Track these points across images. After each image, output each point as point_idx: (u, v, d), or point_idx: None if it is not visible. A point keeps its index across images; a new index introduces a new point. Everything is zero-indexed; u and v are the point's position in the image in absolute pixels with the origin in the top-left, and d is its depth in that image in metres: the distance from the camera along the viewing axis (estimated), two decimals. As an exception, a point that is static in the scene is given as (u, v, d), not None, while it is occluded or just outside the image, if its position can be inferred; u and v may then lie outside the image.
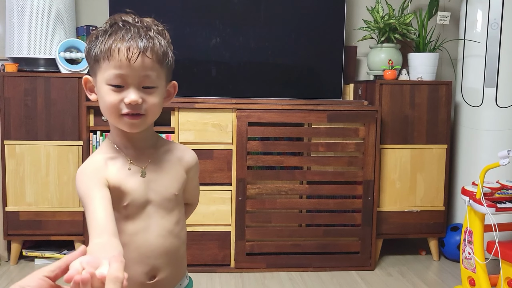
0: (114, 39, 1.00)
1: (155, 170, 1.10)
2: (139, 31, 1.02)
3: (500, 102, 2.78)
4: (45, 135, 2.62)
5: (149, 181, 1.09)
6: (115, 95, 1.01)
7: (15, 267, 2.68)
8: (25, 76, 2.60)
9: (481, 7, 2.81)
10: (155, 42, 1.03)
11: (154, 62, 1.02)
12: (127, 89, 1.01)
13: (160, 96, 1.06)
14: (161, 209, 1.10)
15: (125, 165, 1.07)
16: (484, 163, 2.53)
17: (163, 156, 1.13)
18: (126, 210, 1.06)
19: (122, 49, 0.99)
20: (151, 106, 1.04)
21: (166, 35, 1.08)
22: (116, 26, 1.03)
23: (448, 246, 2.86)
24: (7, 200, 2.63)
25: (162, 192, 1.10)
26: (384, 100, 2.76)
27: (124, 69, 1.00)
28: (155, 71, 1.03)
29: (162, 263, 1.10)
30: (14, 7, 2.63)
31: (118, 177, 1.05)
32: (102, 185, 1.00)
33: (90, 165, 1.05)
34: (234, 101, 2.64)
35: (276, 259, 2.69)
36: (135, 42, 1.00)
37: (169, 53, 1.07)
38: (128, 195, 1.06)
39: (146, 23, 1.05)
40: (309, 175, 2.69)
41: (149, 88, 1.03)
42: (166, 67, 1.06)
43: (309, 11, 2.94)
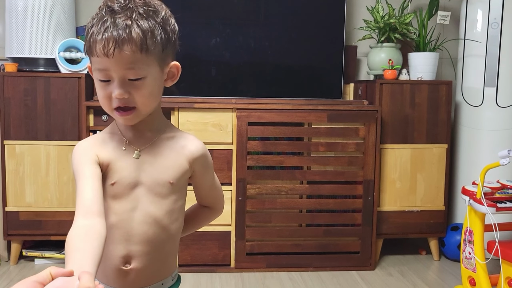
0: (93, 32, 0.98)
1: (151, 153, 1.08)
2: (116, 20, 0.97)
3: (500, 102, 2.78)
4: (45, 135, 2.62)
5: (143, 163, 1.07)
6: (104, 89, 1.01)
7: (15, 267, 2.68)
8: (25, 76, 2.60)
9: (481, 7, 2.81)
10: (133, 30, 0.96)
11: (135, 52, 0.97)
12: (113, 82, 0.99)
13: (151, 85, 1.02)
14: (151, 194, 1.07)
15: (120, 145, 1.08)
16: (485, 162, 2.53)
17: (164, 142, 1.10)
18: (114, 189, 1.06)
19: (98, 43, 0.97)
20: (141, 98, 1.01)
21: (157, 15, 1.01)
22: (99, 15, 0.99)
23: (448, 246, 2.86)
24: (7, 200, 2.63)
25: (155, 176, 1.07)
26: (384, 99, 2.75)
27: (105, 64, 0.98)
28: (138, 61, 0.98)
29: (139, 251, 1.07)
30: (14, 7, 2.63)
31: (111, 154, 1.06)
32: (92, 162, 1.03)
33: (85, 142, 1.08)
34: (234, 101, 2.64)
35: (276, 259, 2.69)
36: (110, 34, 0.96)
37: (158, 35, 1.00)
38: (117, 174, 1.06)
39: (133, 4, 0.99)
40: (309, 175, 2.69)
41: (136, 80, 0.99)
42: (155, 51, 1.00)
43: (309, 11, 2.94)
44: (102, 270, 1.08)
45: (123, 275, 1.08)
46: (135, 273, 1.08)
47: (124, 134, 1.09)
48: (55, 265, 2.85)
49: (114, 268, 1.07)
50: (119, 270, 1.07)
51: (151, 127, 1.09)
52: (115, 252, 1.07)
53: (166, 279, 1.14)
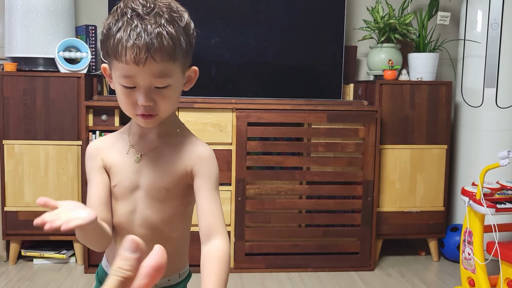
0: (121, 37, 0.95)
1: (153, 158, 1.09)
2: (146, 26, 0.94)
3: (500, 103, 2.78)
4: (44, 135, 2.62)
5: (143, 168, 1.08)
6: (127, 96, 1.00)
7: (14, 267, 2.67)
8: (24, 76, 2.59)
9: (481, 7, 2.81)
10: (164, 38, 0.94)
11: (164, 61, 0.96)
12: (138, 89, 0.98)
13: (175, 91, 1.02)
14: (149, 198, 1.08)
15: (126, 147, 1.11)
16: (484, 163, 2.52)
17: (168, 147, 1.09)
18: (115, 191, 1.10)
19: (128, 50, 0.94)
20: (164, 106, 1.01)
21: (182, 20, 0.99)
22: (125, 18, 0.96)
23: (447, 247, 2.86)
24: (6, 200, 2.62)
25: (151, 181, 1.08)
26: (384, 100, 2.75)
27: (133, 71, 0.96)
28: (167, 69, 0.98)
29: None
30: (13, 6, 2.63)
31: (115, 157, 1.10)
32: (98, 169, 1.10)
33: (95, 143, 1.13)
34: (233, 101, 2.63)
35: (275, 259, 2.69)
36: (142, 42, 0.93)
37: (182, 41, 0.98)
38: (117, 176, 1.09)
39: (158, 8, 0.97)
40: (308, 175, 2.68)
41: (162, 88, 0.99)
42: (180, 58, 0.99)
43: (309, 11, 2.94)
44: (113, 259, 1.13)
45: None
46: None
47: (131, 137, 1.11)
48: (54, 265, 2.85)
49: None
50: None
51: (159, 131, 1.10)
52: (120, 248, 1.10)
53: (172, 276, 1.16)
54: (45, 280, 2.51)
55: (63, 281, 2.51)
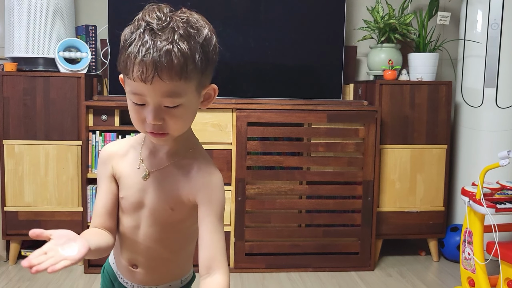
0: (131, 52, 0.91)
1: (160, 178, 1.06)
2: (156, 42, 0.89)
3: (500, 103, 2.78)
4: (44, 135, 2.62)
5: (149, 186, 1.06)
6: (137, 112, 0.96)
7: (13, 267, 2.67)
8: (24, 76, 2.59)
9: (481, 7, 2.81)
10: (174, 55, 0.89)
11: (174, 81, 0.90)
12: (147, 107, 0.94)
13: (187, 110, 0.96)
14: (152, 218, 1.07)
15: (137, 161, 1.09)
16: (484, 163, 2.52)
17: (177, 168, 1.05)
18: (122, 203, 1.11)
19: (135, 67, 0.90)
20: (174, 125, 0.96)
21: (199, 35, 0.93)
22: (137, 32, 0.91)
23: (447, 247, 2.86)
24: (6, 200, 2.62)
25: (157, 201, 1.06)
26: (384, 100, 2.75)
27: (141, 89, 0.92)
28: (177, 89, 0.92)
29: (144, 261, 1.13)
30: (13, 6, 2.63)
31: (125, 168, 1.09)
32: (108, 177, 1.10)
33: (110, 148, 1.12)
34: (233, 101, 2.63)
35: (275, 259, 2.69)
36: (149, 59, 0.88)
37: (199, 59, 0.92)
38: (124, 189, 1.10)
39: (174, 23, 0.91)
40: (308, 175, 2.68)
41: (172, 108, 0.94)
42: (193, 76, 0.93)
43: (309, 11, 2.94)
44: (119, 263, 1.18)
45: (132, 273, 1.15)
46: (142, 275, 1.15)
47: (143, 151, 1.09)
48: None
49: (125, 266, 1.15)
50: (129, 269, 1.15)
51: (170, 150, 1.06)
52: (124, 255, 1.15)
53: (174, 282, 1.17)
54: (45, 280, 2.51)
55: (63, 281, 2.51)
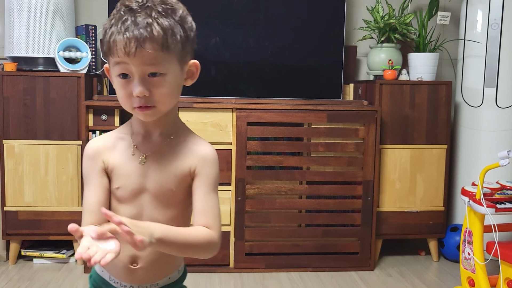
0: (113, 32, 0.98)
1: (157, 160, 1.08)
2: (136, 18, 0.97)
3: (500, 103, 2.78)
4: (44, 135, 2.62)
5: (148, 170, 1.07)
6: (124, 88, 1.01)
7: (13, 266, 2.67)
8: (24, 76, 2.59)
9: (481, 7, 2.81)
10: (154, 28, 0.96)
11: (157, 50, 0.97)
12: (133, 80, 1.00)
13: (171, 83, 1.02)
14: (156, 201, 1.08)
15: (129, 149, 1.09)
16: (484, 163, 2.52)
17: (172, 147, 1.09)
18: (118, 193, 1.08)
19: (119, 43, 0.97)
20: (161, 97, 1.01)
21: (176, 13, 1.01)
22: (118, 14, 1.00)
23: (447, 247, 2.86)
24: (6, 200, 2.62)
25: (159, 183, 1.07)
26: (384, 100, 2.75)
27: (126, 61, 0.98)
28: (159, 58, 0.99)
29: (146, 254, 1.09)
30: (13, 6, 2.63)
31: (118, 159, 1.09)
32: (99, 171, 1.08)
33: (95, 143, 1.11)
34: (233, 100, 2.63)
35: (275, 259, 2.69)
36: (131, 33, 0.96)
37: (178, 33, 1.00)
38: (121, 179, 1.08)
39: (151, 3, 1.00)
40: (308, 175, 2.68)
41: (156, 76, 1.00)
42: (174, 48, 1.00)
43: (309, 11, 2.94)
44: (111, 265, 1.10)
45: (132, 272, 1.12)
46: (142, 271, 1.12)
47: (134, 138, 1.10)
48: (54, 265, 2.85)
49: (123, 266, 1.11)
50: (127, 268, 1.11)
51: (162, 131, 1.10)
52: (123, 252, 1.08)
53: (172, 273, 1.17)
54: (45, 280, 2.51)
55: (63, 281, 2.51)
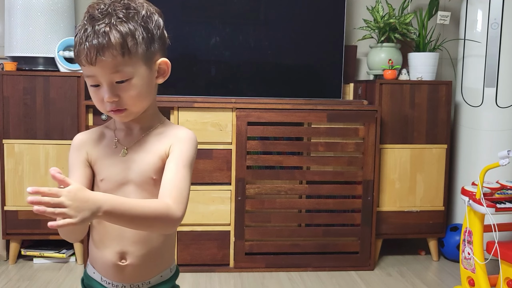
0: (76, 42, 1.02)
1: (138, 151, 1.10)
2: (95, 27, 1.00)
3: (500, 102, 2.78)
4: (44, 134, 2.62)
5: (130, 161, 1.10)
6: (96, 94, 1.05)
7: (13, 266, 2.67)
8: (24, 75, 2.59)
9: (481, 7, 2.81)
10: (111, 36, 0.99)
11: (117, 56, 1.00)
12: (102, 87, 1.03)
13: (139, 85, 1.04)
14: (139, 191, 1.09)
15: (112, 142, 1.12)
16: (484, 163, 2.52)
17: (152, 138, 1.12)
18: (103, 185, 1.10)
19: (81, 52, 1.00)
20: (130, 100, 1.04)
21: (138, 15, 1.03)
22: (81, 23, 1.03)
23: (447, 246, 2.86)
24: (5, 199, 2.63)
25: (141, 173, 1.09)
26: (384, 100, 2.75)
27: (91, 71, 1.02)
28: (122, 64, 1.01)
29: (133, 249, 1.10)
30: (13, 6, 2.63)
31: (100, 152, 1.12)
32: (82, 162, 1.11)
33: (82, 136, 1.15)
34: (233, 100, 2.63)
35: (275, 259, 2.69)
36: (91, 43, 0.99)
37: (140, 35, 1.02)
38: (104, 171, 1.10)
39: (112, 9, 1.02)
40: (308, 175, 2.68)
41: (123, 82, 1.03)
42: (137, 50, 1.02)
43: (309, 11, 2.94)
44: (101, 264, 1.13)
45: (121, 270, 1.11)
46: (132, 268, 1.11)
47: (116, 132, 1.14)
48: (54, 264, 2.85)
49: (112, 264, 1.11)
50: (116, 266, 1.11)
51: (142, 125, 1.13)
52: (111, 248, 1.10)
53: (164, 271, 1.17)
54: (45, 280, 2.51)
55: (63, 280, 2.51)
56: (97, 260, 1.14)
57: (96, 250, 1.14)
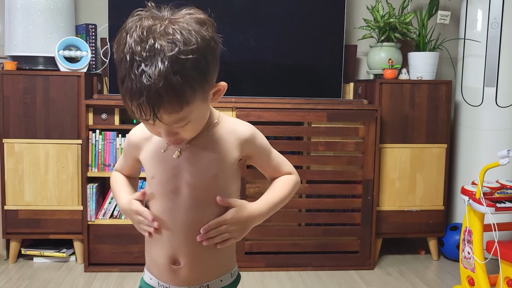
0: (125, 92, 0.89)
1: (194, 152, 1.04)
2: (145, 81, 0.85)
3: (500, 102, 2.78)
4: (44, 134, 2.62)
5: (184, 164, 1.03)
6: (151, 128, 0.98)
7: (13, 265, 2.68)
8: (24, 74, 2.59)
9: (481, 7, 2.81)
10: (166, 93, 0.85)
11: (175, 113, 0.89)
12: (159, 127, 0.95)
13: (198, 120, 0.97)
14: (195, 195, 1.03)
15: (163, 144, 1.06)
16: (484, 162, 2.53)
17: (209, 137, 1.04)
18: (153, 183, 1.07)
19: (134, 109, 0.89)
20: (190, 134, 0.99)
21: (190, 51, 0.87)
22: (124, 64, 0.88)
23: (447, 246, 2.86)
24: (6, 199, 2.63)
25: (198, 176, 1.03)
26: (384, 99, 2.75)
27: (146, 123, 0.95)
28: (180, 116, 0.91)
29: (186, 251, 1.05)
30: (13, 5, 2.63)
31: (153, 151, 1.08)
32: (132, 157, 1.15)
33: (135, 134, 1.12)
34: (233, 100, 2.63)
35: (275, 258, 2.69)
36: (145, 104, 0.86)
37: (197, 76, 0.89)
38: (154, 169, 1.07)
39: (158, 44, 0.86)
40: (308, 174, 2.68)
41: (182, 126, 0.94)
42: (195, 96, 0.90)
43: (309, 10, 2.94)
44: (156, 268, 1.11)
45: (176, 273, 1.07)
46: (187, 271, 1.07)
47: None
48: (54, 264, 2.85)
49: (166, 267, 1.08)
50: (170, 269, 1.07)
51: None
52: (163, 252, 1.07)
53: (224, 276, 1.12)
54: (45, 279, 2.51)
55: (63, 279, 2.51)
56: (153, 264, 1.11)
57: (151, 254, 1.11)
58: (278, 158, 1.17)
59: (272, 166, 1.16)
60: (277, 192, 1.14)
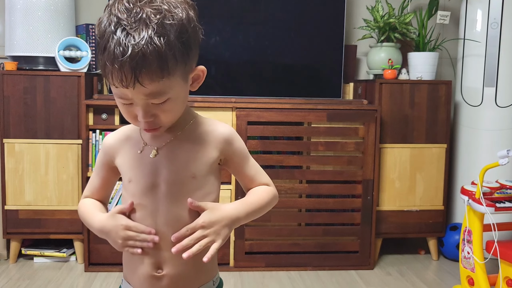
0: (107, 57, 0.88)
1: (172, 150, 1.02)
2: (129, 45, 0.85)
3: (499, 102, 2.78)
4: (44, 134, 2.62)
5: (162, 161, 1.01)
6: (127, 111, 0.96)
7: (14, 265, 2.68)
8: (24, 75, 2.60)
9: (481, 7, 2.81)
10: (151, 57, 0.86)
11: (156, 81, 0.89)
12: (136, 106, 0.94)
13: (176, 102, 0.96)
14: (172, 193, 1.00)
15: (139, 145, 1.04)
16: (484, 162, 2.53)
17: (184, 137, 1.03)
18: (131, 187, 1.03)
19: (115, 75, 0.88)
20: (167, 118, 0.96)
21: (174, 24, 0.89)
22: (109, 29, 0.88)
23: (447, 246, 2.86)
24: (6, 199, 2.63)
25: (175, 172, 1.01)
26: (383, 99, 2.75)
27: (125, 93, 0.92)
28: (160, 87, 0.90)
29: (169, 256, 1.00)
30: (13, 5, 2.63)
31: (129, 153, 1.05)
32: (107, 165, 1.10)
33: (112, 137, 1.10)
34: (233, 100, 2.64)
35: (275, 258, 2.69)
36: (127, 66, 0.86)
37: (177, 50, 0.90)
38: (131, 172, 1.04)
39: (145, 14, 0.87)
40: (308, 174, 2.69)
41: (160, 104, 0.93)
42: (176, 69, 0.91)
43: (309, 10, 2.94)
44: (136, 277, 1.05)
45: (157, 281, 1.03)
46: (169, 279, 1.03)
47: (143, 135, 1.05)
48: (55, 264, 2.85)
49: (147, 275, 1.03)
50: (152, 277, 1.02)
51: (172, 127, 1.03)
52: (145, 258, 1.02)
53: (206, 284, 1.08)
54: (46, 279, 2.51)
55: (63, 279, 2.51)
56: (132, 274, 1.06)
57: (130, 263, 1.06)
58: (256, 167, 1.12)
59: (248, 174, 1.11)
60: (255, 197, 1.09)
